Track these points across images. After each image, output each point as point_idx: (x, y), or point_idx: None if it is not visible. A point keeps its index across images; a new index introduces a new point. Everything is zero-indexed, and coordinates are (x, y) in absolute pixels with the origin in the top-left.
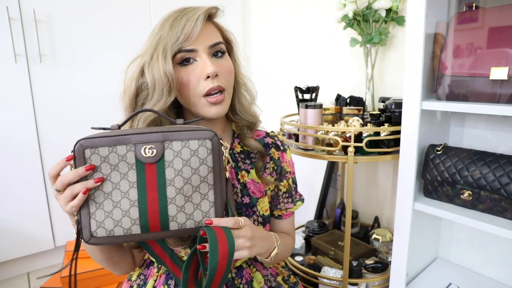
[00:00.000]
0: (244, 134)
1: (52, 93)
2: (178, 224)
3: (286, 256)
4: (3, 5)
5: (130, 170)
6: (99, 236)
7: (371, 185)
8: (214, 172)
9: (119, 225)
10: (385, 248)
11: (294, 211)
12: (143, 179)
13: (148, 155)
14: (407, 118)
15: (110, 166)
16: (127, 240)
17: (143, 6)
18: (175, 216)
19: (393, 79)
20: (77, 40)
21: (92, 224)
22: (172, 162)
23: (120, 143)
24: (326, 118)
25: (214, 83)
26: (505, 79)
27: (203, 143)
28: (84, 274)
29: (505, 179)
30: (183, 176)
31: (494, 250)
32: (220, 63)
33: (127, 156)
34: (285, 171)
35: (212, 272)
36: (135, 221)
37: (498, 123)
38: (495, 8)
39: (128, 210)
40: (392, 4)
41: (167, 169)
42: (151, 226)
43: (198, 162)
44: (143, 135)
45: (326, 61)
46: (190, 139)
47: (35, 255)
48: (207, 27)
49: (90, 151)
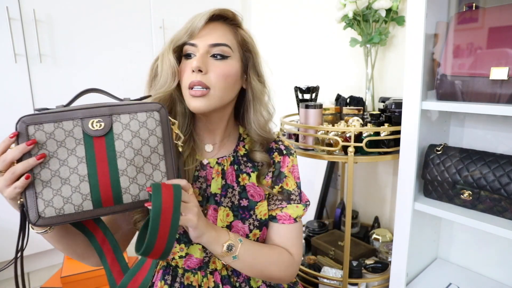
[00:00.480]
0: (253, 149)
1: (52, 93)
2: (131, 196)
3: (275, 271)
4: (3, 5)
5: (78, 145)
6: (47, 217)
7: (371, 185)
8: (164, 143)
9: (69, 202)
10: (385, 248)
11: (295, 216)
12: (92, 153)
13: (96, 128)
14: (407, 118)
15: (56, 143)
16: (78, 218)
17: (143, 6)
18: (128, 188)
19: (393, 79)
20: (77, 40)
21: (39, 204)
22: (121, 134)
23: (66, 118)
24: (326, 118)
25: (197, 78)
26: (505, 79)
27: (151, 114)
28: (84, 274)
29: (505, 179)
30: (133, 147)
31: (494, 250)
32: (216, 64)
33: (74, 131)
34: (283, 175)
35: (155, 217)
36: (86, 196)
37: (498, 123)
38: (495, 8)
39: (78, 186)
40: (392, 4)
41: (116, 142)
42: (103, 200)
43: (147, 133)
44: (90, 109)
45: (326, 61)
46: (138, 111)
47: (35, 255)
48: (218, 27)
49: (34, 127)
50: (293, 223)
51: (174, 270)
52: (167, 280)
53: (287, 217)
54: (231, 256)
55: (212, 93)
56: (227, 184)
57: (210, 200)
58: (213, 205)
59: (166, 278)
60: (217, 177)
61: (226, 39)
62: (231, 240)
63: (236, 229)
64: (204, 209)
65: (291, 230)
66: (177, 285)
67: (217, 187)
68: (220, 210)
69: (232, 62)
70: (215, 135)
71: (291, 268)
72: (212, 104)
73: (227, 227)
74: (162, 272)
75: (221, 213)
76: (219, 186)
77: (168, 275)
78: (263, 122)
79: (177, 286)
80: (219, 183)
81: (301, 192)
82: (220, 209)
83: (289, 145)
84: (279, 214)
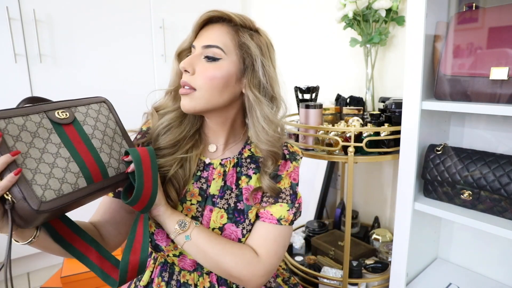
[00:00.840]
0: (264, 168)
1: (52, 93)
2: (114, 169)
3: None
4: (3, 5)
5: (51, 134)
6: (48, 200)
7: (371, 185)
8: (119, 125)
9: (65, 182)
10: (385, 248)
11: (277, 216)
12: (67, 138)
13: (63, 116)
14: (407, 118)
15: (30, 134)
16: (77, 197)
17: (143, 6)
18: (109, 162)
19: (393, 79)
20: (77, 40)
21: (37, 190)
22: (85, 121)
23: (32, 112)
24: (326, 118)
25: (185, 78)
26: (505, 79)
27: (102, 105)
28: (84, 274)
29: (505, 179)
30: (99, 129)
31: (494, 250)
32: (204, 66)
33: (43, 123)
34: (280, 178)
35: (137, 165)
36: (78, 174)
37: (498, 123)
38: (495, 8)
39: (67, 166)
40: (392, 4)
41: (84, 126)
42: (93, 176)
43: (104, 118)
44: (51, 104)
45: (326, 61)
46: (90, 103)
47: (35, 255)
48: (214, 28)
49: (5, 121)
50: (274, 223)
51: (171, 268)
52: (164, 277)
53: (268, 215)
54: (184, 235)
55: (198, 94)
56: (226, 185)
57: (208, 201)
58: (210, 206)
59: (163, 275)
60: (218, 178)
61: (219, 40)
62: (187, 220)
63: (228, 232)
64: (202, 210)
65: (268, 230)
66: (174, 282)
67: (216, 188)
68: (215, 211)
69: (223, 64)
70: (219, 137)
71: (253, 267)
72: (198, 104)
73: (219, 229)
74: (160, 268)
75: (215, 214)
76: (218, 187)
77: (166, 272)
78: (264, 136)
79: (173, 283)
80: (219, 184)
81: (294, 194)
82: (215, 210)
83: (296, 151)
84: (261, 211)
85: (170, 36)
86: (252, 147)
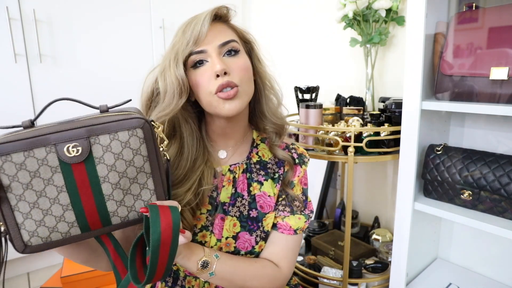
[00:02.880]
0: (272, 142)
1: (52, 93)
2: (120, 218)
3: (257, 286)
4: (3, 5)
5: (55, 173)
6: (34, 245)
7: (371, 185)
8: (150, 161)
9: (55, 231)
10: (385, 248)
11: (295, 227)
12: (72, 181)
13: (73, 154)
14: (407, 118)
15: (29, 173)
16: (67, 242)
17: (143, 6)
18: (116, 211)
19: (393, 79)
20: (77, 40)
21: (24, 235)
22: (102, 158)
23: (36, 146)
24: (326, 118)
25: (224, 80)
26: (505, 79)
27: (134, 132)
28: (84, 274)
29: (505, 179)
30: (117, 170)
31: (494, 250)
32: (233, 61)
33: (48, 159)
34: (292, 184)
35: (155, 244)
36: (73, 223)
37: (498, 123)
38: (495, 8)
39: (62, 215)
40: (392, 4)
41: (98, 166)
42: (91, 225)
43: (131, 153)
44: (64, 132)
45: (326, 61)
46: (118, 130)
47: (35, 255)
48: (217, 27)
49: (1, 159)
50: (292, 234)
51: (175, 273)
52: (168, 282)
53: (287, 227)
54: (208, 273)
55: (241, 90)
56: (237, 192)
57: (218, 209)
58: (221, 214)
59: (167, 280)
60: (228, 185)
61: (231, 35)
62: (206, 256)
63: (243, 240)
64: (212, 218)
65: (288, 241)
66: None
67: (226, 196)
68: (227, 219)
69: (242, 54)
70: (230, 139)
71: (277, 282)
72: (244, 101)
73: (233, 237)
74: None
75: (228, 223)
76: (229, 195)
77: (169, 277)
78: (274, 108)
79: None
80: (229, 192)
81: (307, 199)
82: (227, 218)
83: (303, 152)
84: (280, 222)
85: (170, 36)
86: (259, 150)
